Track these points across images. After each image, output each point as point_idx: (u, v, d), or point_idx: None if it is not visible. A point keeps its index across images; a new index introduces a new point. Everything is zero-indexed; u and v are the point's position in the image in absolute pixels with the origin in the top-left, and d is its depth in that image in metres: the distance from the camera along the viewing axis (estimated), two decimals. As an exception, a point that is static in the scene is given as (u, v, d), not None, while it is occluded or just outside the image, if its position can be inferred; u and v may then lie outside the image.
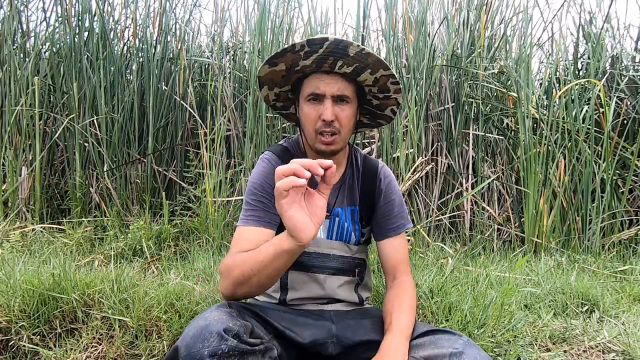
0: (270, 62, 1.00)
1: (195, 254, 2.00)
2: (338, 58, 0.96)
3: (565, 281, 1.69)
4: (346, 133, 1.03)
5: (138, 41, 2.84)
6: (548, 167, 2.41)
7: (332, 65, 0.98)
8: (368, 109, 1.15)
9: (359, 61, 0.97)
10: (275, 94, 1.11)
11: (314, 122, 1.00)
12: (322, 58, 0.96)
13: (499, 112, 2.75)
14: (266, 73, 1.04)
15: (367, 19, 2.69)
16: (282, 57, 0.99)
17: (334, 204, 1.09)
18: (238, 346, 0.74)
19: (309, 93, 1.01)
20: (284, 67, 1.02)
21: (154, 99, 2.65)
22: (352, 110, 1.02)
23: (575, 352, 1.26)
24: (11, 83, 2.71)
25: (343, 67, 0.98)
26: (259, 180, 1.03)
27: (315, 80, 1.00)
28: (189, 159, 2.59)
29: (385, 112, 1.14)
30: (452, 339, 0.84)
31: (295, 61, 0.99)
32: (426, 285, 1.45)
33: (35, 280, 1.34)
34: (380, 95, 1.08)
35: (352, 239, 1.10)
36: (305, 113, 1.02)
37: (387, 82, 1.04)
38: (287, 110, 1.19)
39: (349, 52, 0.95)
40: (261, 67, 1.03)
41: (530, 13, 2.71)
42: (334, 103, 0.99)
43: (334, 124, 0.99)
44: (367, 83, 1.04)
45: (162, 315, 1.29)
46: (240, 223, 1.00)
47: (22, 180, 2.61)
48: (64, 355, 1.21)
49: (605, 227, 2.42)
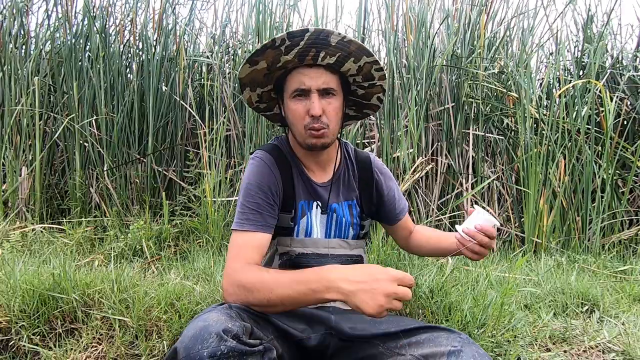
0: (251, 61, 0.98)
1: (196, 254, 2.00)
2: (320, 49, 0.95)
3: (565, 281, 1.69)
4: (335, 126, 1.02)
5: (138, 41, 2.84)
6: (548, 167, 2.41)
7: (314, 58, 0.96)
8: (354, 100, 1.13)
9: (342, 50, 0.96)
10: (258, 95, 1.09)
11: (302, 118, 0.99)
12: (304, 50, 0.95)
13: (499, 112, 2.75)
14: (247, 73, 1.02)
15: (368, 17, 2.69)
16: (262, 55, 0.97)
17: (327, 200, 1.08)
18: (237, 347, 0.74)
19: (294, 89, 0.99)
20: (265, 65, 0.99)
21: (153, 99, 2.65)
22: (338, 103, 1.02)
23: (575, 352, 1.26)
24: (12, 83, 2.71)
25: (326, 58, 0.96)
26: (254, 180, 1.00)
27: (299, 75, 0.98)
28: (188, 159, 2.59)
29: (371, 100, 1.13)
30: (450, 336, 0.84)
31: (277, 57, 0.97)
32: (426, 285, 1.45)
33: (35, 280, 1.34)
34: (365, 84, 1.07)
35: (350, 234, 1.10)
36: (292, 110, 1.00)
37: (370, 69, 1.02)
38: (271, 111, 1.17)
39: (330, 41, 0.93)
40: (241, 67, 1.00)
41: (533, 13, 2.71)
42: (320, 97, 0.98)
43: (322, 118, 0.98)
44: (351, 72, 1.03)
45: (162, 315, 1.29)
46: (237, 227, 0.97)
47: (22, 180, 2.61)
48: (64, 355, 1.21)
49: (605, 227, 2.42)
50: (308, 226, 1.06)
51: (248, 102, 1.12)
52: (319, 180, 1.09)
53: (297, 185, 1.06)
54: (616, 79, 2.83)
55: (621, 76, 2.78)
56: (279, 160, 1.05)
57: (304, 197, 1.07)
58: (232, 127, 2.71)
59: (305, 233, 1.06)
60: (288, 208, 1.05)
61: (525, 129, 2.42)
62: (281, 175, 1.04)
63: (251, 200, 0.99)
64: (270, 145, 1.10)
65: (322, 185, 1.08)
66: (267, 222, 0.98)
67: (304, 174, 1.08)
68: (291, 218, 1.05)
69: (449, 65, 2.66)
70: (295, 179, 1.07)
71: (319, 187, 1.08)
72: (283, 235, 1.06)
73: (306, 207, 1.07)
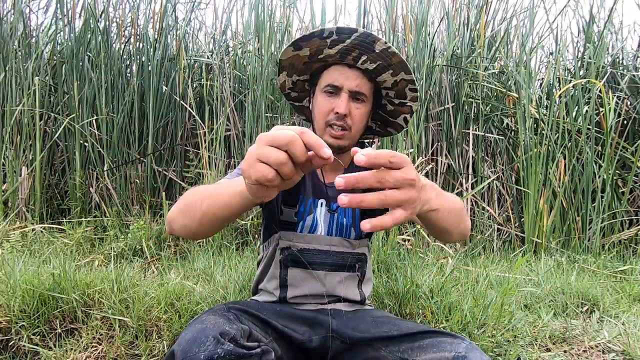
0: (296, 44, 0.98)
1: (195, 254, 2.00)
2: (363, 52, 0.95)
3: (565, 281, 1.69)
4: (356, 132, 1.01)
5: (138, 41, 2.84)
6: (548, 167, 2.41)
7: (355, 59, 0.96)
8: (380, 115, 1.13)
9: (383, 59, 0.96)
10: (293, 82, 1.09)
11: (326, 114, 0.99)
12: (348, 49, 0.95)
13: (499, 112, 2.75)
14: (289, 57, 1.01)
15: (368, 15, 2.69)
16: (308, 41, 0.96)
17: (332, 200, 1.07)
18: (234, 350, 0.74)
19: (326, 84, 0.99)
20: (308, 53, 0.99)
21: (153, 99, 2.65)
22: (366, 110, 1.01)
23: (575, 352, 1.26)
24: (12, 83, 2.71)
25: (366, 62, 0.96)
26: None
27: (335, 72, 0.99)
28: (189, 159, 2.59)
29: (397, 119, 1.12)
30: (454, 342, 0.83)
31: (321, 48, 0.97)
32: (426, 285, 1.45)
33: (35, 280, 1.34)
34: (396, 100, 1.07)
35: (352, 234, 1.10)
36: (319, 103, 1.00)
37: (405, 87, 1.02)
38: (299, 102, 1.17)
39: (375, 47, 0.93)
40: (285, 49, 1.00)
41: (533, 13, 2.71)
42: (350, 99, 0.98)
43: (347, 119, 0.97)
44: (386, 85, 1.03)
45: (162, 315, 1.29)
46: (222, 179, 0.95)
47: (22, 180, 2.61)
48: (64, 355, 1.21)
49: (606, 227, 2.42)
50: (313, 223, 1.06)
51: (281, 86, 1.12)
52: (328, 180, 1.09)
53: (307, 182, 1.06)
54: (616, 79, 2.83)
55: (622, 76, 2.78)
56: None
57: (312, 196, 1.07)
58: (232, 127, 2.71)
59: (309, 230, 1.06)
60: (293, 202, 1.05)
61: (525, 129, 2.42)
62: None
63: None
64: None
65: (330, 186, 1.08)
66: None
67: (315, 173, 1.08)
68: (295, 213, 1.05)
69: (449, 65, 2.66)
70: (306, 175, 1.07)
71: (326, 187, 1.08)
72: (286, 229, 1.06)
73: (313, 205, 1.07)
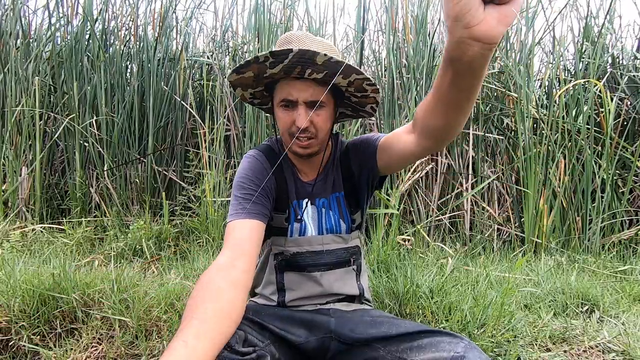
0: (237, 71, 0.97)
1: (195, 254, 2.00)
2: (306, 66, 0.92)
3: (565, 281, 1.69)
4: (324, 135, 1.00)
5: (138, 42, 2.84)
6: (548, 167, 2.41)
7: (301, 73, 0.94)
8: (348, 103, 1.11)
9: (328, 68, 0.92)
10: (250, 93, 1.08)
11: (288, 127, 0.98)
12: (289, 67, 0.92)
13: (499, 112, 2.75)
14: (236, 79, 1.01)
15: (367, 14, 2.69)
16: (247, 67, 0.95)
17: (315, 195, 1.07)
18: (229, 356, 0.74)
19: (281, 99, 0.97)
20: (252, 75, 0.99)
21: (154, 99, 2.65)
22: (328, 113, 0.99)
23: (575, 352, 1.26)
24: (12, 83, 2.71)
25: (313, 74, 0.94)
26: (247, 174, 1.00)
27: (287, 86, 0.96)
28: (189, 159, 2.59)
29: (365, 108, 1.11)
30: (453, 342, 0.83)
31: (262, 70, 0.95)
32: (426, 285, 1.45)
33: (35, 280, 1.34)
34: (358, 94, 1.05)
35: (342, 228, 1.09)
36: (279, 117, 0.99)
37: (362, 83, 1.00)
38: (266, 105, 1.15)
39: (316, 60, 0.90)
40: (229, 74, 0.99)
41: (532, 13, 2.71)
42: (308, 109, 0.96)
43: (310, 128, 0.96)
44: (342, 85, 1.00)
45: (162, 315, 1.29)
46: (230, 218, 0.94)
47: (22, 180, 2.61)
48: (64, 355, 1.21)
49: (605, 227, 2.42)
50: (302, 226, 1.06)
51: (242, 98, 1.11)
52: (308, 179, 1.09)
53: (290, 185, 1.07)
54: (616, 79, 2.83)
55: (621, 76, 2.78)
56: (271, 159, 1.05)
57: (296, 197, 1.07)
58: (232, 127, 2.71)
59: (299, 233, 1.06)
60: (282, 208, 1.05)
61: (525, 129, 2.42)
62: (274, 173, 1.03)
63: (244, 192, 0.97)
64: (263, 145, 1.10)
65: (310, 183, 1.08)
66: (259, 210, 0.95)
67: (296, 174, 1.08)
68: (285, 218, 1.05)
69: (449, 65, 2.65)
70: (288, 179, 1.07)
71: (307, 185, 1.08)
72: (278, 235, 1.06)
73: (298, 206, 1.07)
